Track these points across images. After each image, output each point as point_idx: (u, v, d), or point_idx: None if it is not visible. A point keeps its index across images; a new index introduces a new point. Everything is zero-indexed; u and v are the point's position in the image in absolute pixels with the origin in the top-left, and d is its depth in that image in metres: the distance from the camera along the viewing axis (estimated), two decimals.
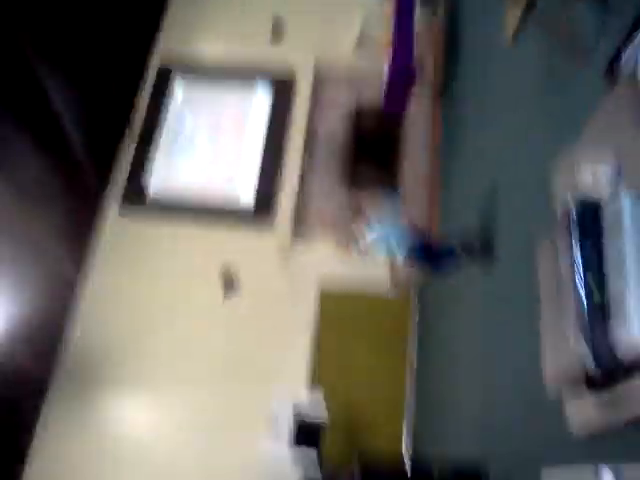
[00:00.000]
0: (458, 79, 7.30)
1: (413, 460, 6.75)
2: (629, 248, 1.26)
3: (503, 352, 4.40)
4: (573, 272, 1.36)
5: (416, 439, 6.90)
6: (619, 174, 1.43)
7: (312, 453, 6.28)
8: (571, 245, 1.37)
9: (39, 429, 7.25)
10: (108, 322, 7.74)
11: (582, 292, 1.34)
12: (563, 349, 1.36)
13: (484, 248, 5.18)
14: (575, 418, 1.47)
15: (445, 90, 7.85)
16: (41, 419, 7.29)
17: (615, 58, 2.32)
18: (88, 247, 8.07)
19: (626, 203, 1.30)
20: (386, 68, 7.39)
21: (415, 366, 7.34)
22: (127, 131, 8.66)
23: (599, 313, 1.29)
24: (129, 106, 8.75)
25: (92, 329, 7.70)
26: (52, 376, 7.44)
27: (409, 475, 3.98)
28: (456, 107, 7.17)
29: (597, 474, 1.25)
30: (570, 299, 1.37)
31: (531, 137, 4.55)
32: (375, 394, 7.24)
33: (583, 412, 1.39)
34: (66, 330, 7.68)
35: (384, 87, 7.49)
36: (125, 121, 8.66)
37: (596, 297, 1.31)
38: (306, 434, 6.47)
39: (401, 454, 6.90)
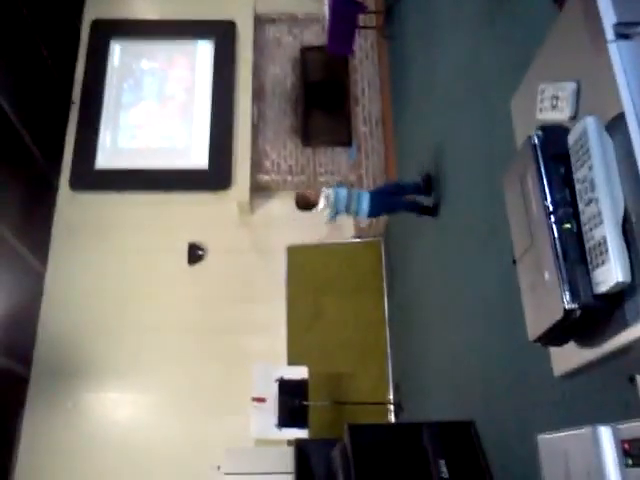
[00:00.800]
0: (402, 17, 7.12)
1: (397, 414, 6.78)
2: (597, 170, 1.19)
3: (473, 294, 4.39)
4: (543, 203, 1.28)
5: (399, 390, 6.92)
6: (579, 94, 1.35)
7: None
8: (538, 173, 1.29)
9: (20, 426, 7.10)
10: (74, 307, 7.45)
11: (554, 224, 1.27)
12: (540, 289, 1.30)
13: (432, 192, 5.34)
14: (557, 361, 1.42)
15: (390, 30, 7.67)
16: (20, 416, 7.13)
17: None
18: (47, 233, 7.77)
19: (590, 124, 1.22)
20: (327, 6, 7.16)
21: (387, 314, 7.33)
22: (69, 106, 8.26)
23: (574, 246, 1.23)
24: (67, 80, 8.33)
25: (59, 316, 7.40)
26: (28, 369, 7.24)
27: (398, 439, 3.96)
28: (402, 46, 7.01)
29: (595, 435, 1.21)
30: (543, 233, 1.29)
31: (481, 70, 4.46)
32: (353, 343, 7.23)
33: (566, 355, 1.34)
34: (36, 321, 7.44)
35: (327, 26, 7.26)
36: (65, 97, 8.26)
37: (568, 227, 1.24)
38: (290, 389, 6.44)
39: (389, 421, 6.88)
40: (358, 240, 7.72)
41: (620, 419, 1.29)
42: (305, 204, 5.53)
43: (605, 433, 1.22)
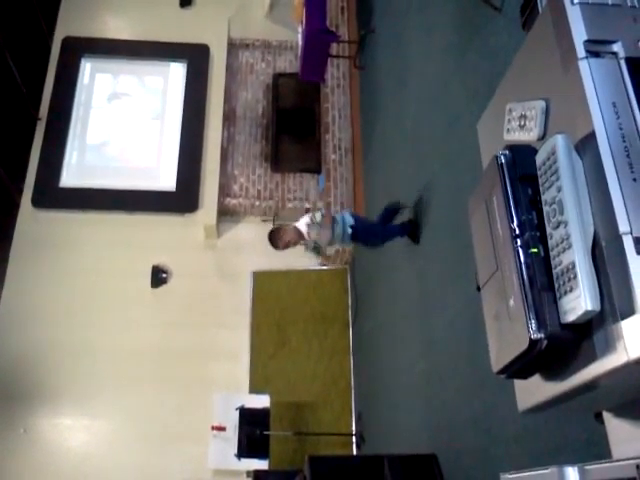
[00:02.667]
0: (374, 47, 7.16)
1: (359, 445, 6.65)
2: (566, 192, 1.12)
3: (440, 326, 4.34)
4: (509, 225, 1.21)
5: (361, 421, 6.78)
6: (548, 113, 1.30)
7: None
8: (504, 194, 1.23)
9: None
10: (30, 328, 7.12)
11: (520, 248, 1.20)
12: (504, 317, 1.23)
13: (410, 223, 5.14)
14: (522, 396, 1.35)
15: (363, 60, 7.71)
16: None
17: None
18: (5, 251, 7.52)
19: (559, 142, 1.16)
20: (300, 34, 7.17)
21: (352, 343, 7.22)
22: (36, 123, 8.08)
23: (542, 271, 1.16)
24: (35, 97, 8.16)
25: (14, 337, 7.07)
26: None
27: (360, 471, 3.88)
28: (374, 76, 7.04)
29: (561, 476, 1.12)
30: (508, 258, 1.22)
31: (450, 101, 4.46)
32: (317, 373, 7.10)
33: (530, 389, 1.27)
34: None
35: (300, 53, 7.26)
36: (32, 113, 8.08)
37: (535, 251, 1.17)
38: (251, 418, 6.27)
39: (351, 453, 6.73)
40: (324, 267, 7.64)
41: (585, 457, 1.22)
42: (281, 243, 5.20)
43: (572, 475, 1.14)
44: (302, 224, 5.01)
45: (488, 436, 3.33)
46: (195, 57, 8.55)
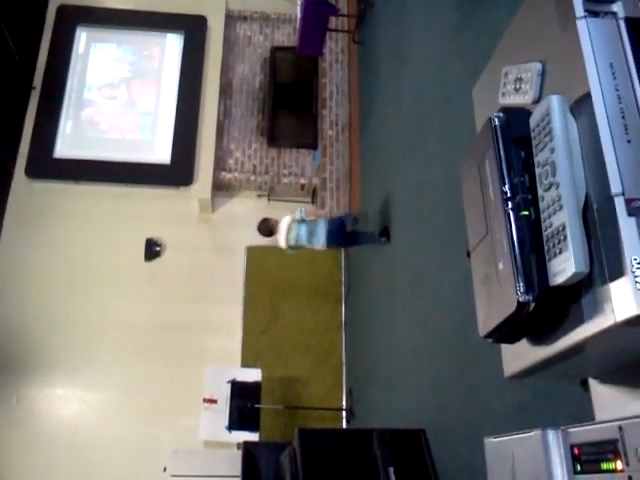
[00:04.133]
0: (374, 22, 7.08)
1: (349, 419, 6.70)
2: (559, 153, 1.11)
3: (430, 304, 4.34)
4: (500, 188, 1.20)
5: (352, 396, 6.83)
6: (544, 75, 1.27)
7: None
8: (497, 156, 1.21)
9: None
10: (22, 298, 7.17)
11: (511, 210, 1.18)
12: (493, 280, 1.21)
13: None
14: (508, 360, 1.34)
15: (361, 35, 7.62)
16: None
17: None
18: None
19: (554, 102, 1.14)
20: (299, 6, 7.08)
21: (344, 319, 7.25)
22: (30, 92, 7.99)
23: (532, 235, 1.14)
24: (29, 65, 8.06)
25: (6, 307, 7.08)
26: None
27: (349, 445, 3.89)
28: (373, 52, 6.97)
29: (544, 438, 1.12)
30: (499, 221, 1.21)
31: (447, 77, 4.42)
32: (309, 348, 7.13)
33: (517, 353, 1.26)
34: None
35: (298, 27, 7.18)
36: (26, 82, 7.98)
37: (526, 214, 1.16)
38: (242, 391, 6.30)
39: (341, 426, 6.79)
40: None
41: (573, 422, 1.22)
42: (268, 231, 5.87)
43: (554, 437, 1.14)
44: (284, 222, 5.63)
45: (476, 411, 3.34)
46: (192, 28, 8.45)
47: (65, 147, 7.98)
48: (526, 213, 1.17)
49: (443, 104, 4.49)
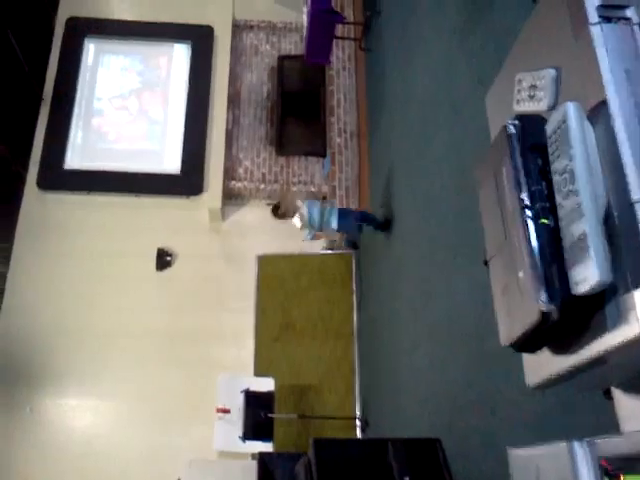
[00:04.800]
0: (380, 30, 7.08)
1: (363, 429, 6.65)
2: (578, 160, 1.09)
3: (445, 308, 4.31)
4: (518, 196, 1.19)
5: (366, 405, 6.78)
6: (559, 82, 1.27)
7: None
8: (514, 165, 1.20)
9: None
10: (36, 309, 7.19)
11: (530, 219, 1.17)
12: (514, 290, 1.20)
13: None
14: (531, 370, 1.32)
15: (368, 42, 7.62)
16: None
17: None
18: (11, 233, 7.51)
19: (570, 110, 1.13)
20: (305, 14, 7.09)
21: (357, 327, 7.20)
22: (40, 102, 8.04)
23: (552, 242, 1.13)
24: (39, 77, 8.11)
25: (20, 318, 7.13)
26: None
27: (364, 455, 3.86)
28: (380, 59, 6.97)
29: (571, 451, 1.10)
30: (517, 229, 1.20)
31: (455, 83, 4.41)
32: (321, 356, 7.08)
33: (539, 363, 1.24)
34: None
35: (305, 35, 7.18)
36: (36, 93, 8.04)
37: (546, 222, 1.15)
38: (255, 401, 6.28)
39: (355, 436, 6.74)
40: (329, 252, 7.61)
41: (594, 433, 1.20)
42: (282, 213, 5.99)
43: (581, 449, 1.12)
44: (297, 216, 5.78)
45: (493, 419, 3.31)
46: (199, 38, 8.49)
47: (76, 158, 8.02)
48: (545, 221, 1.16)
49: (450, 110, 4.48)
